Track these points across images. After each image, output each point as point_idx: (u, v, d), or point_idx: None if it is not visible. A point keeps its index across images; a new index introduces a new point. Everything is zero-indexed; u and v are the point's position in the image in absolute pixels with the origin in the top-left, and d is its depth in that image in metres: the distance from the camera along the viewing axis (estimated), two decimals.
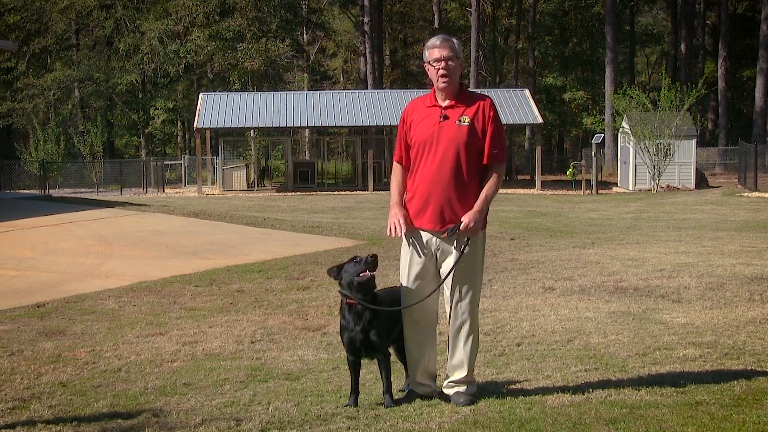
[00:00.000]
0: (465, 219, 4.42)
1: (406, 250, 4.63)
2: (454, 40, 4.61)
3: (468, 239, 4.49)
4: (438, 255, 4.56)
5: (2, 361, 5.98)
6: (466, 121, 4.51)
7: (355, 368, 4.63)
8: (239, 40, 42.68)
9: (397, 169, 4.75)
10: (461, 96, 4.59)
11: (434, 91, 4.62)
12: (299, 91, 40.27)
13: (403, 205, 4.62)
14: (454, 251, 4.51)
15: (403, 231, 4.53)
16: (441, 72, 4.50)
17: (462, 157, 4.48)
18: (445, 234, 4.47)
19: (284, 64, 45.87)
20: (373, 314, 4.48)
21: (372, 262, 4.43)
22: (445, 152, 4.48)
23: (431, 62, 4.54)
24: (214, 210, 18.68)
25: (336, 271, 4.56)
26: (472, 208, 4.50)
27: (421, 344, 4.65)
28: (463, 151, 4.48)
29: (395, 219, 4.55)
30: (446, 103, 4.58)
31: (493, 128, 4.54)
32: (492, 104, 4.61)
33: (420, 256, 4.56)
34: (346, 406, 4.57)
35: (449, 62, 4.50)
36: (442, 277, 4.57)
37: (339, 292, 4.57)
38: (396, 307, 4.63)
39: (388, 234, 4.60)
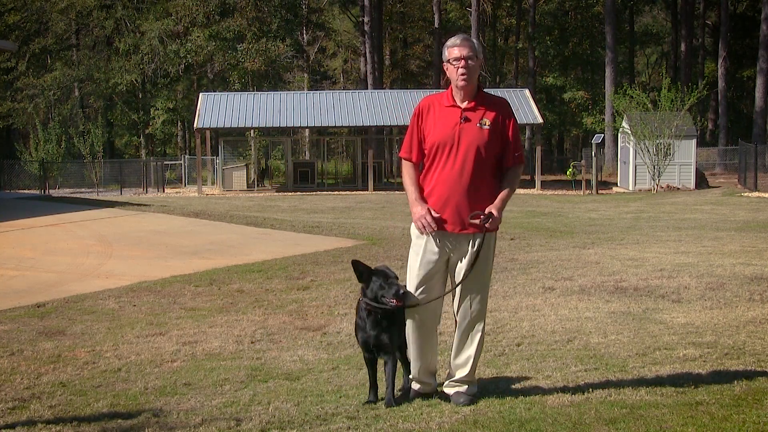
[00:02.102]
0: (493, 211, 4.41)
1: (416, 250, 4.59)
2: (474, 41, 4.60)
3: (482, 238, 4.50)
4: (452, 256, 4.55)
5: (2, 361, 5.98)
6: (487, 123, 4.50)
7: (372, 365, 4.67)
8: (239, 40, 42.69)
9: (408, 166, 4.65)
10: (480, 97, 4.57)
11: (451, 91, 4.59)
12: (299, 91, 40.28)
13: (424, 200, 4.55)
14: (469, 251, 4.50)
15: (435, 229, 4.47)
16: (461, 71, 4.47)
17: (483, 160, 4.47)
18: (476, 220, 4.43)
19: (284, 64, 45.87)
20: (389, 320, 4.53)
21: (403, 296, 4.48)
22: (466, 155, 4.46)
23: (451, 61, 4.52)
24: (214, 210, 18.68)
25: (366, 275, 4.55)
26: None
27: (425, 344, 4.65)
28: (484, 153, 4.47)
29: (423, 219, 4.46)
30: (465, 104, 4.54)
31: (513, 131, 4.56)
32: (510, 106, 4.63)
33: (433, 257, 4.55)
34: (365, 403, 4.58)
35: (469, 61, 4.49)
36: (455, 277, 4.57)
37: (361, 295, 4.60)
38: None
39: (422, 233, 4.52)
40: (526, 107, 32.42)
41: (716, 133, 46.40)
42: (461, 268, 4.53)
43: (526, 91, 34.49)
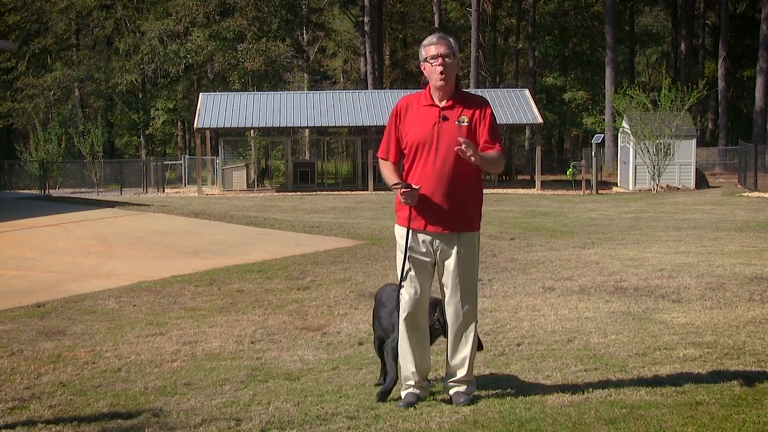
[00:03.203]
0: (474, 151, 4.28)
1: (402, 250, 4.57)
2: (451, 39, 4.58)
3: (465, 237, 4.54)
4: (438, 256, 4.54)
5: (2, 361, 5.98)
6: (465, 121, 4.49)
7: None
8: (239, 40, 42.70)
9: (385, 163, 4.67)
10: (458, 96, 4.56)
11: (429, 90, 4.58)
12: (299, 91, 40.27)
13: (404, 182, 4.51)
14: (455, 251, 4.50)
15: (412, 196, 4.41)
16: (439, 69, 4.46)
17: (462, 158, 4.43)
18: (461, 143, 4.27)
19: (284, 64, 45.89)
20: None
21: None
22: (446, 153, 4.44)
23: (428, 59, 4.51)
24: (214, 210, 18.68)
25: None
26: (472, 209, 4.53)
27: (422, 345, 4.64)
28: None
29: (404, 195, 4.42)
30: (444, 103, 4.53)
31: (490, 122, 4.52)
32: (489, 104, 4.62)
33: (418, 256, 4.54)
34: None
35: (446, 59, 4.47)
36: (441, 278, 4.56)
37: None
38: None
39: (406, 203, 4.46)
40: (526, 107, 32.41)
41: (716, 133, 46.40)
42: (447, 267, 4.52)
43: (526, 91, 34.47)
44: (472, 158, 4.30)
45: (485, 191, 4.97)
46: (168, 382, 5.30)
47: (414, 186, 4.44)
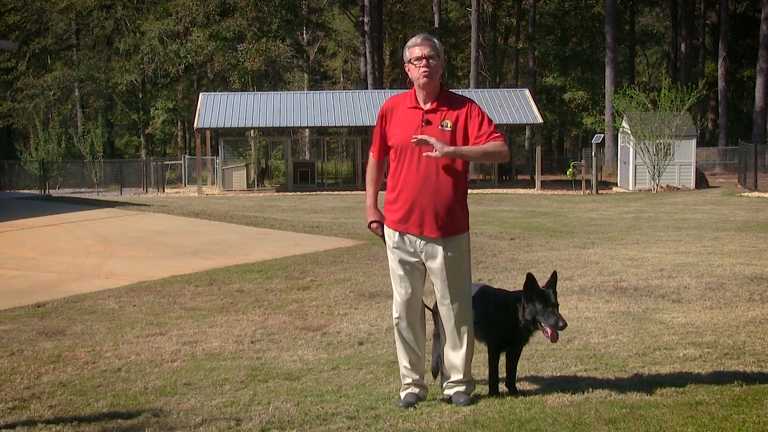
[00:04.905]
0: (436, 143, 4.30)
1: (392, 250, 4.60)
2: (435, 39, 4.56)
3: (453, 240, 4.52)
4: (424, 257, 4.53)
5: (2, 361, 5.99)
6: (449, 125, 4.45)
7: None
8: (239, 40, 42.71)
9: (372, 165, 4.78)
10: (442, 98, 4.51)
11: (415, 91, 4.55)
12: (299, 91, 40.27)
13: (376, 206, 4.75)
14: (441, 253, 4.49)
15: (380, 234, 4.72)
16: (423, 70, 4.42)
17: (445, 163, 4.41)
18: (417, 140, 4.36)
19: (284, 64, 45.88)
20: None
21: (561, 329, 4.66)
22: (429, 158, 4.38)
23: (412, 61, 4.48)
24: (214, 210, 18.67)
25: (529, 294, 4.68)
26: (458, 211, 4.50)
27: (418, 345, 4.64)
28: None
29: (370, 227, 4.79)
30: (428, 106, 4.50)
31: (480, 118, 4.46)
32: (474, 102, 4.57)
33: (406, 256, 4.54)
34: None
35: (431, 60, 4.44)
36: (431, 278, 4.56)
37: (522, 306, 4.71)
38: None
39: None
40: (526, 107, 32.40)
41: (716, 133, 46.38)
42: (433, 269, 4.51)
43: (526, 91, 34.46)
44: (437, 154, 4.31)
45: (485, 191, 5.01)
46: (168, 382, 5.30)
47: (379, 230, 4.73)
